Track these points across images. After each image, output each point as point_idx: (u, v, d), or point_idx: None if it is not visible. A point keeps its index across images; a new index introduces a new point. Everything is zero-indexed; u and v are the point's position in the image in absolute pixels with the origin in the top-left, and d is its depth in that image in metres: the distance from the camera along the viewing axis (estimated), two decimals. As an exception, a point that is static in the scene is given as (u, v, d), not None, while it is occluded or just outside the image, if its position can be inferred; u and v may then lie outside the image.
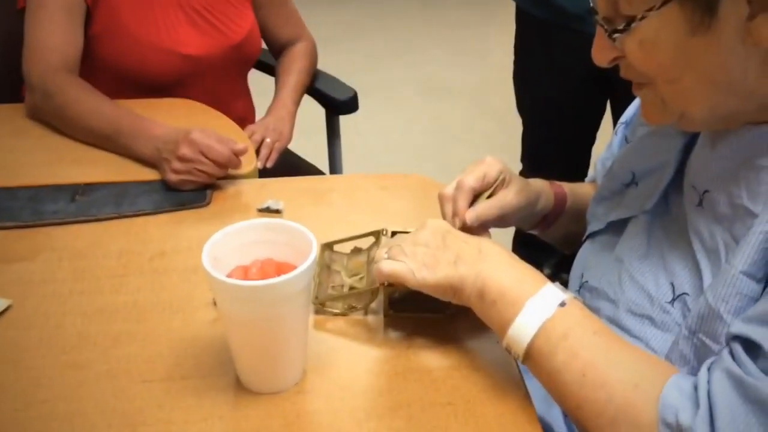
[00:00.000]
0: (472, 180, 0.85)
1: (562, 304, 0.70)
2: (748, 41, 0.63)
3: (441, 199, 0.87)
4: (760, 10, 0.61)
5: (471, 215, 0.83)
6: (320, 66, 1.67)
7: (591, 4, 0.71)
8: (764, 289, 0.65)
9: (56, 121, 1.22)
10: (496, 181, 0.86)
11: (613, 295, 0.81)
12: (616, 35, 0.68)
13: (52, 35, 1.26)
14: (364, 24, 4.01)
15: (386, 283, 0.81)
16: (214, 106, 1.37)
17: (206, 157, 1.06)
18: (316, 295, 0.86)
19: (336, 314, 0.86)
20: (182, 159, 1.06)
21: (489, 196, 0.86)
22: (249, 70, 1.58)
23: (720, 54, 0.65)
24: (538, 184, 0.95)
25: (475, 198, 0.86)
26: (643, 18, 0.65)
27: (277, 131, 1.45)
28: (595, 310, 0.82)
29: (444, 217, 0.86)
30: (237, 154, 1.08)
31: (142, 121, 1.15)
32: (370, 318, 0.86)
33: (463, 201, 0.85)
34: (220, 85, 1.46)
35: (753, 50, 0.64)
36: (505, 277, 0.74)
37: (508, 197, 0.87)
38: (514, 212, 0.88)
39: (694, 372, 0.68)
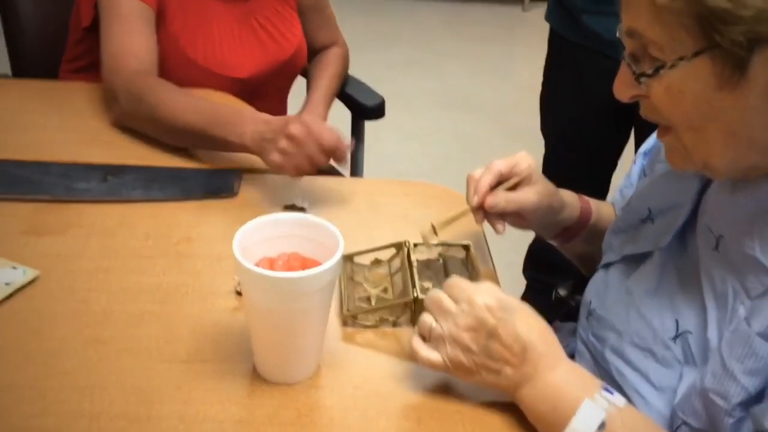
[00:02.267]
0: (502, 164, 0.90)
1: (602, 426, 0.69)
2: None
3: (468, 180, 0.91)
4: None
5: (490, 200, 0.88)
6: (345, 71, 1.70)
7: (617, 34, 0.71)
8: None
9: (147, 124, 1.18)
10: (524, 173, 0.90)
11: (619, 325, 0.81)
12: (643, 79, 0.68)
13: (130, 43, 1.24)
14: (388, 33, 4.03)
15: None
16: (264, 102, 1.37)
17: (315, 142, 1.01)
18: (347, 307, 0.87)
19: (367, 327, 0.87)
20: (291, 138, 1.00)
21: (510, 188, 0.90)
22: (292, 83, 1.59)
23: (745, 110, 0.65)
24: (567, 195, 0.97)
25: (499, 185, 0.90)
26: (673, 66, 0.66)
27: None
28: (600, 339, 0.83)
29: (467, 198, 0.91)
30: (343, 148, 1.04)
31: (241, 109, 1.13)
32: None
33: (486, 180, 0.89)
34: (262, 100, 1.44)
35: None
36: (543, 402, 0.73)
37: (528, 195, 0.90)
38: (532, 211, 0.91)
39: (705, 425, 0.69)
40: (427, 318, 0.77)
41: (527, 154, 0.92)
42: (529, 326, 0.75)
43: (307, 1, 1.53)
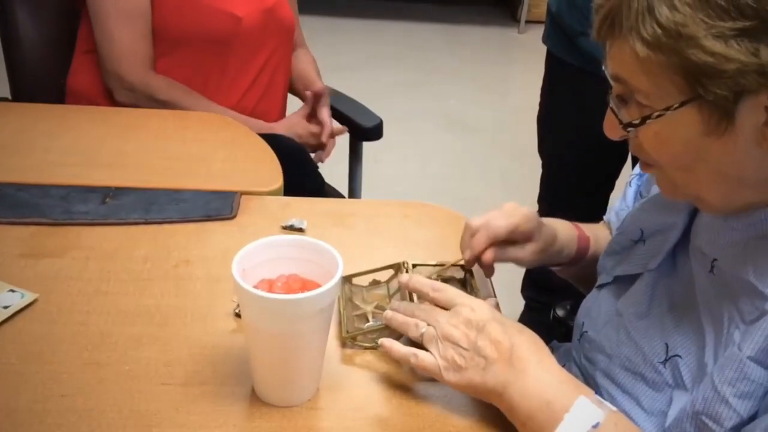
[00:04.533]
0: (502, 228, 0.89)
1: (596, 426, 0.68)
2: (764, 145, 0.64)
3: (466, 227, 0.91)
4: None
5: (488, 256, 0.89)
6: (343, 92, 1.71)
7: (604, 69, 0.71)
8: None
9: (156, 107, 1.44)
10: (523, 234, 0.90)
11: (609, 349, 0.81)
12: (630, 129, 0.69)
13: (132, 40, 1.42)
14: (387, 55, 4.06)
15: None
16: (267, 70, 1.55)
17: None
18: (346, 329, 0.87)
19: (366, 348, 0.86)
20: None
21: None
22: (290, 45, 1.65)
23: (734, 153, 0.65)
24: (564, 232, 0.97)
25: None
26: (660, 116, 0.66)
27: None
28: (591, 362, 0.83)
29: (461, 246, 0.91)
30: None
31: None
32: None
33: (482, 239, 0.88)
34: (266, 50, 1.55)
35: None
36: (533, 398, 0.71)
37: (525, 254, 0.91)
38: (526, 264, 0.93)
39: None
40: (419, 322, 0.78)
41: (532, 213, 0.91)
42: (519, 330, 0.76)
43: None
